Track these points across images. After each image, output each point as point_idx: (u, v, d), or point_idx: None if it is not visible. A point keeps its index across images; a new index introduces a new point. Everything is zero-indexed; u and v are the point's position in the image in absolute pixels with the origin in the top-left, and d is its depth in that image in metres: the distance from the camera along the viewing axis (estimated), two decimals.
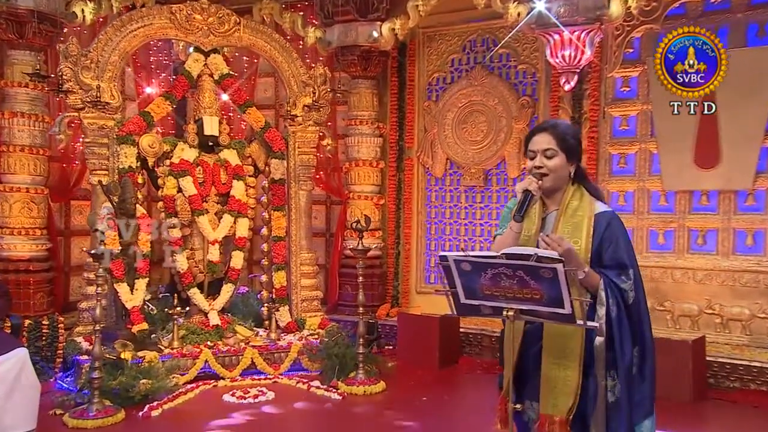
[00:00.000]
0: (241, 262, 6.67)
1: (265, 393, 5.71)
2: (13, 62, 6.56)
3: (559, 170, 2.83)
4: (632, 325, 2.80)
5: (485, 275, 2.64)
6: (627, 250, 2.84)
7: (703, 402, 5.68)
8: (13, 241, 6.59)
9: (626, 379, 2.76)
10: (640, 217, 6.75)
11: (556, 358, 2.80)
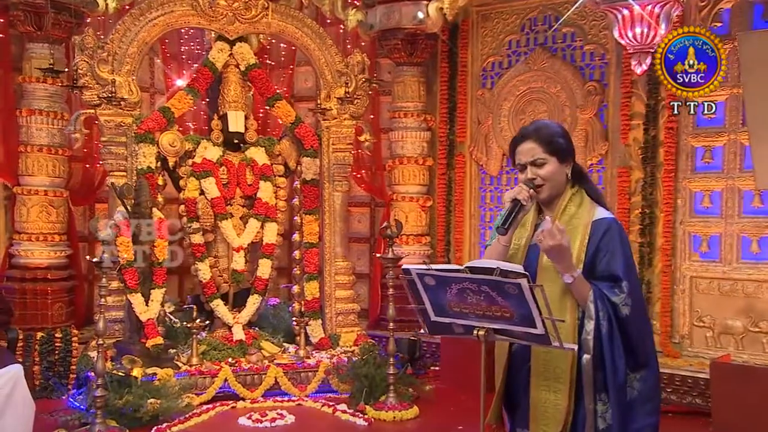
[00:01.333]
0: (268, 271, 6.89)
1: (285, 417, 5.87)
2: (31, 56, 6.87)
3: (553, 177, 2.89)
4: (627, 343, 2.82)
5: (450, 291, 2.71)
6: (624, 261, 2.87)
7: None
8: (30, 247, 6.88)
9: (619, 403, 2.80)
10: (730, 221, 6.57)
11: (544, 380, 2.86)
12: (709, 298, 6.70)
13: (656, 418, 2.99)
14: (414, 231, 7.94)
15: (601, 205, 3.03)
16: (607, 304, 2.84)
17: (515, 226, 2.99)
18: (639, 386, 2.90)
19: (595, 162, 7.23)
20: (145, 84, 8.27)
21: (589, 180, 3.14)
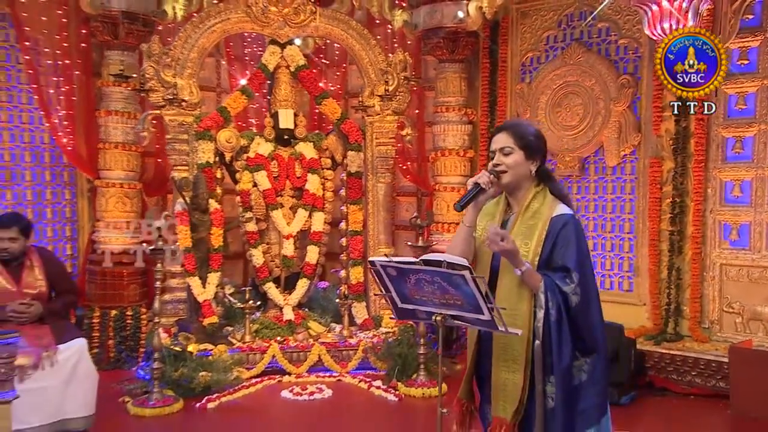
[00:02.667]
0: (316, 256, 7.20)
1: (323, 391, 6.16)
2: (109, 62, 7.34)
3: (516, 167, 3.00)
4: (576, 330, 2.92)
5: (409, 281, 2.87)
6: (577, 254, 2.96)
7: None
8: (108, 234, 7.33)
9: (564, 385, 2.90)
10: (759, 210, 6.52)
11: (503, 362, 2.97)
12: (739, 285, 6.66)
13: (601, 399, 3.09)
14: (455, 219, 7.81)
15: (565, 203, 3.13)
16: (558, 294, 2.94)
17: (477, 208, 3.09)
18: (587, 370, 3.00)
19: (628, 153, 7.20)
20: (212, 84, 8.72)
21: (554, 180, 3.22)
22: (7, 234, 5.12)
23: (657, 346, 6.53)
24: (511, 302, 2.97)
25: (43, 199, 7.63)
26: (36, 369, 4.86)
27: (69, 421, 5.05)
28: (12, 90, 7.42)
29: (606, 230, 7.45)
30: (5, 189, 7.38)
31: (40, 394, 4.88)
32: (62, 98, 7.37)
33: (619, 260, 7.37)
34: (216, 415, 5.85)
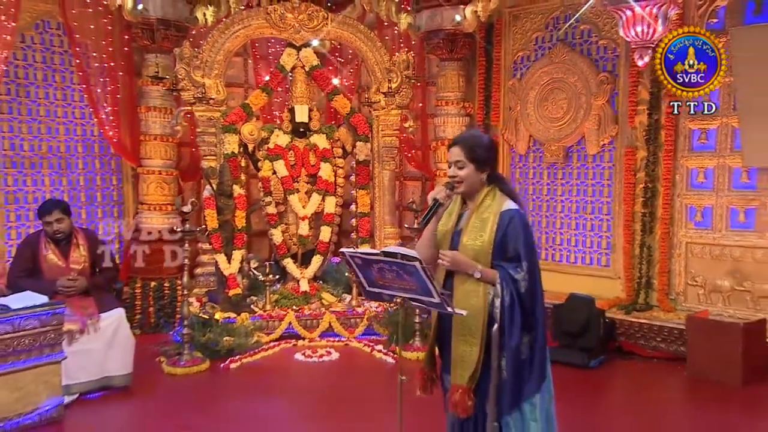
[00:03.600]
0: (329, 235, 7.39)
1: (331, 354, 6.41)
2: (147, 64, 7.46)
3: (468, 178, 3.12)
4: (525, 312, 3.07)
5: (374, 269, 3.04)
6: (525, 245, 3.08)
7: (759, 385, 5.64)
8: (149, 215, 7.55)
9: (513, 360, 3.04)
10: (720, 194, 6.62)
11: (462, 336, 3.11)
12: (702, 261, 6.75)
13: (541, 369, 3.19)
14: None
15: (513, 200, 3.22)
16: (511, 282, 3.05)
17: (437, 218, 3.23)
18: (531, 344, 3.12)
19: (606, 142, 7.23)
20: (240, 81, 8.84)
21: (504, 181, 3.32)
22: (53, 217, 5.38)
23: (628, 315, 6.68)
24: (467, 288, 3.12)
25: (94, 185, 7.80)
26: (82, 334, 5.20)
27: (111, 378, 5.40)
28: (66, 89, 7.52)
29: (587, 212, 7.53)
30: (62, 176, 7.55)
31: (86, 355, 5.22)
32: (108, 96, 7.51)
33: (597, 239, 7.46)
34: (238, 374, 6.07)
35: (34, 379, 4.67)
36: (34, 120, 7.40)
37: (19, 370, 4.60)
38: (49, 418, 4.74)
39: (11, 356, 4.52)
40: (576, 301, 6.44)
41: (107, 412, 5.26)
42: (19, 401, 4.60)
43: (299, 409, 5.36)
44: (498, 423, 3.11)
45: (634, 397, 5.83)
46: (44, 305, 4.75)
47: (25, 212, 7.28)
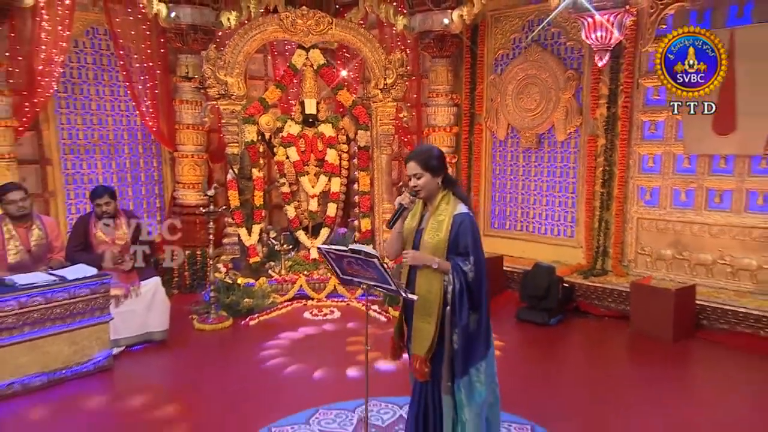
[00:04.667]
0: (334, 211, 7.53)
1: (334, 312, 6.68)
2: (180, 63, 7.71)
3: (427, 185, 3.26)
4: (472, 296, 3.20)
5: (344, 262, 3.25)
6: (473, 242, 3.21)
7: (687, 341, 5.93)
8: (184, 192, 7.89)
9: (463, 335, 3.21)
10: (666, 177, 6.78)
11: (421, 315, 3.27)
12: (649, 234, 6.94)
13: (485, 340, 3.33)
14: None
15: (464, 203, 3.31)
16: (461, 272, 3.16)
17: (403, 219, 3.36)
18: (477, 321, 3.26)
19: (572, 131, 7.39)
20: (261, 74, 8.99)
21: (457, 185, 3.41)
22: (102, 200, 5.61)
23: (585, 279, 6.89)
24: (427, 275, 3.24)
25: (138, 167, 8.08)
26: (126, 298, 5.52)
27: (151, 333, 5.74)
28: (113, 86, 7.77)
29: (555, 190, 7.69)
30: (111, 160, 7.84)
31: (130, 315, 5.55)
32: (148, 91, 7.71)
33: (564, 213, 7.64)
34: (256, 329, 6.33)
35: (88, 335, 5.04)
36: (87, 113, 7.65)
37: (75, 329, 4.97)
38: (101, 367, 5.13)
39: (68, 318, 4.90)
40: (539, 269, 6.64)
41: (148, 362, 5.54)
42: (76, 353, 4.99)
43: (306, 357, 5.54)
44: (450, 383, 3.27)
45: (585, 350, 6.13)
46: (94, 276, 5.10)
47: (82, 191, 7.55)
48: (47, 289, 4.84)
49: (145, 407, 4.62)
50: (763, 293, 6.11)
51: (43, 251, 5.41)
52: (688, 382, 5.30)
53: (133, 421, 4.42)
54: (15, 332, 4.67)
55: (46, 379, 4.84)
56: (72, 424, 4.40)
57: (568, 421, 4.37)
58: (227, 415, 4.44)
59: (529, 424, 4.28)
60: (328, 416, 4.32)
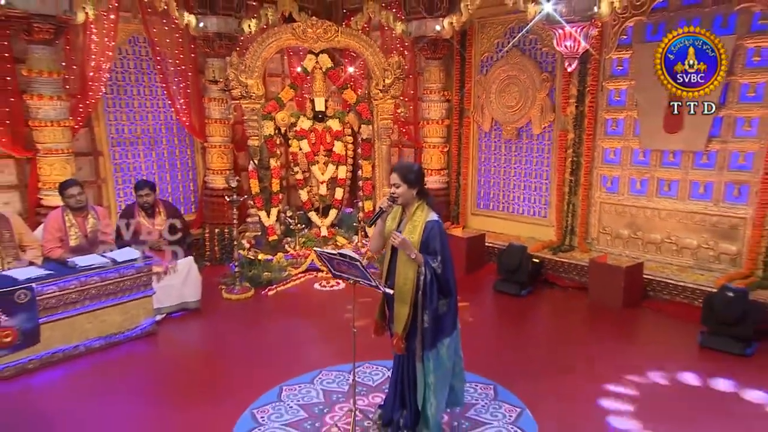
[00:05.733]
0: (341, 194, 7.90)
1: (340, 284, 6.92)
2: (208, 66, 7.92)
3: (404, 194, 3.50)
4: (440, 286, 3.43)
5: (335, 262, 3.57)
6: (440, 244, 3.43)
7: (635, 309, 6.25)
8: (213, 177, 8.17)
9: (432, 316, 3.47)
10: (624, 168, 6.98)
11: (399, 300, 3.53)
12: (610, 216, 7.15)
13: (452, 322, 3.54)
14: (436, 167, 8.42)
15: (435, 212, 3.50)
16: (430, 266, 3.38)
17: (383, 220, 3.59)
18: (445, 305, 3.50)
19: (546, 126, 7.53)
20: (278, 72, 9.17)
21: (429, 197, 3.59)
22: (144, 192, 6.00)
23: (554, 255, 7.15)
24: (406, 263, 3.45)
25: (174, 156, 8.29)
26: (165, 275, 5.92)
27: (186, 303, 6.13)
28: (151, 87, 7.89)
29: (531, 176, 7.88)
30: (151, 150, 8.02)
31: (169, 288, 5.94)
32: (181, 91, 7.89)
33: (538, 197, 7.86)
34: (274, 298, 6.65)
35: (136, 306, 5.48)
36: (130, 110, 7.82)
37: (125, 302, 5.41)
38: (147, 331, 5.56)
39: (119, 293, 5.36)
40: (513, 248, 6.96)
41: (185, 327, 5.89)
42: (126, 321, 5.44)
43: (313, 324, 5.92)
44: (422, 354, 3.54)
45: (549, 317, 6.44)
46: (138, 258, 5.49)
47: (128, 178, 7.80)
48: (101, 270, 5.28)
49: (183, 364, 5.07)
50: (701, 268, 6.44)
51: (97, 236, 5.79)
52: (632, 343, 5.61)
53: (174, 375, 4.88)
54: (78, 305, 5.15)
55: (104, 342, 5.33)
56: (125, 378, 4.84)
57: (527, 381, 4.64)
58: (251, 371, 4.83)
59: (492, 383, 4.58)
60: (329, 377, 4.72)
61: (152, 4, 7.14)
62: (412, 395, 3.70)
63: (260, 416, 4.16)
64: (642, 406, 4.36)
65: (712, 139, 6.23)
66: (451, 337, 3.58)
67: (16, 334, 4.78)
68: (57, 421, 4.20)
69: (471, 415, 4.17)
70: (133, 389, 4.70)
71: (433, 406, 3.63)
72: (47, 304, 4.98)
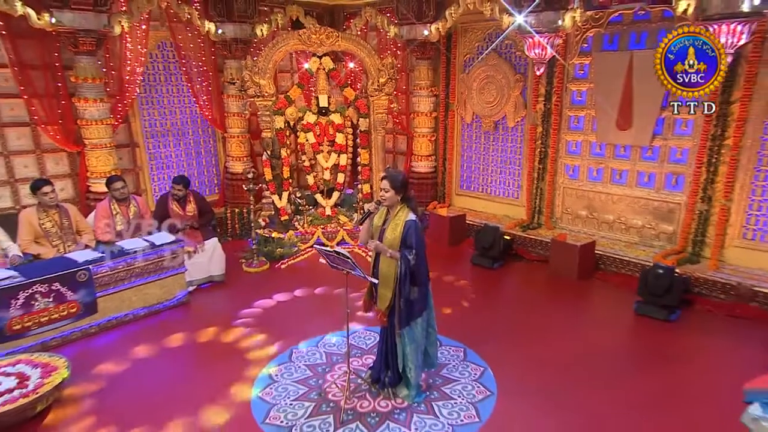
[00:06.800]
0: (343, 179, 8.15)
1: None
2: (227, 67, 8.17)
3: (390, 198, 3.78)
4: (414, 276, 3.71)
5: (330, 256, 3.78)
6: (416, 240, 3.68)
7: (587, 280, 6.68)
8: (233, 163, 8.52)
9: (406, 300, 3.81)
10: (584, 158, 7.26)
11: (383, 285, 3.87)
12: (571, 199, 7.47)
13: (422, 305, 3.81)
14: (425, 153, 8.72)
15: (413, 212, 3.72)
16: (406, 260, 3.63)
17: (370, 219, 3.82)
18: (416, 293, 3.79)
19: (519, 120, 7.77)
20: (287, 68, 9.39)
21: (411, 200, 3.79)
22: (179, 187, 6.39)
23: (524, 232, 7.49)
24: (387, 263, 3.77)
25: (199, 145, 8.58)
26: (195, 253, 6.31)
27: (213, 276, 6.53)
28: (178, 86, 8.15)
29: (506, 163, 8.16)
30: (179, 140, 8.28)
31: (198, 264, 6.34)
32: (204, 89, 8.08)
33: (512, 181, 8.15)
34: (286, 270, 7.00)
35: (172, 281, 5.93)
36: (161, 107, 8.07)
37: (163, 278, 5.87)
38: (181, 301, 6.01)
39: (158, 270, 5.81)
40: (487, 228, 7.34)
41: (212, 296, 6.24)
42: (164, 293, 5.89)
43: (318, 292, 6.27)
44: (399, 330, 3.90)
45: (515, 287, 6.72)
46: (173, 242, 5.92)
47: (161, 165, 8.12)
48: (143, 252, 5.75)
49: (213, 328, 5.45)
50: (644, 245, 6.83)
51: (138, 221, 6.25)
52: (581, 311, 6.00)
53: (204, 338, 5.31)
54: (125, 282, 5.66)
55: (147, 311, 5.82)
56: (164, 340, 5.28)
57: (491, 344, 5.03)
58: (268, 335, 5.28)
59: (462, 346, 4.96)
60: (331, 341, 5.19)
61: (177, 15, 7.41)
62: (393, 359, 4.16)
63: (275, 375, 4.69)
64: (581, 362, 4.84)
65: (656, 136, 6.53)
66: (422, 317, 3.93)
67: (79, 306, 5.36)
68: (114, 373, 4.74)
69: (444, 374, 4.62)
70: (171, 350, 5.16)
71: (411, 370, 4.11)
72: (101, 281, 5.51)
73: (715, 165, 6.08)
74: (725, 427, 3.89)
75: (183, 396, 4.40)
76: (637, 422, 4.07)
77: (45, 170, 7.16)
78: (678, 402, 4.32)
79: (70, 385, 4.48)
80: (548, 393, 4.42)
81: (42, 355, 4.56)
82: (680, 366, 4.84)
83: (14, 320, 4.90)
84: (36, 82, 6.69)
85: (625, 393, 4.44)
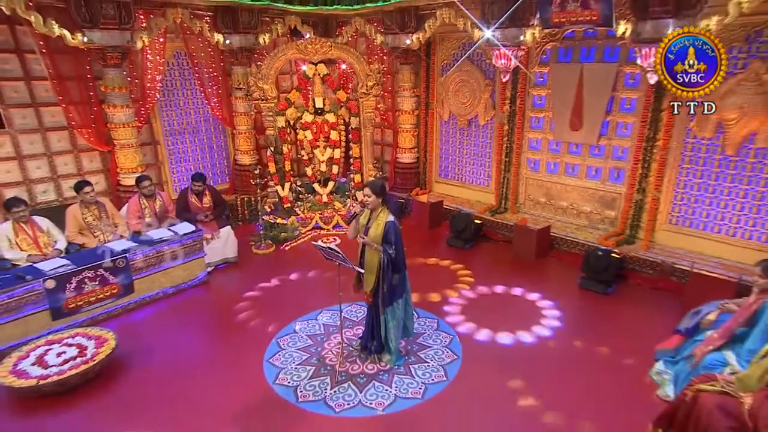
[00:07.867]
0: (337, 170, 8.47)
1: (336, 240, 7.55)
2: (234, 73, 8.30)
3: (373, 202, 4.10)
4: (394, 266, 4.04)
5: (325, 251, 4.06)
6: (394, 237, 3.97)
7: (544, 259, 7.10)
8: (241, 156, 8.71)
9: (388, 285, 4.13)
10: (543, 153, 7.59)
11: (368, 270, 4.19)
12: (533, 188, 7.80)
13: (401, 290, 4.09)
14: (409, 146, 8.99)
15: (392, 214, 4.00)
16: (387, 253, 3.93)
17: (357, 219, 4.13)
18: (397, 279, 4.10)
19: (489, 119, 8.02)
20: (287, 71, 9.59)
21: (390, 203, 4.09)
22: (198, 183, 6.74)
23: (492, 216, 7.82)
24: (371, 254, 4.07)
25: (211, 140, 8.79)
26: (212, 239, 6.69)
27: (227, 258, 6.91)
28: (192, 90, 8.34)
29: (479, 156, 8.44)
30: (195, 137, 8.49)
31: (215, 249, 6.72)
32: (214, 92, 8.28)
33: (483, 171, 8.45)
34: (289, 252, 7.29)
35: (194, 264, 6.33)
36: (177, 108, 8.31)
37: (186, 262, 6.26)
38: (202, 281, 6.39)
39: (182, 256, 6.22)
40: (461, 214, 7.72)
41: (228, 276, 6.58)
42: (188, 274, 6.30)
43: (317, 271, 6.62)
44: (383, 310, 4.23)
45: (483, 264, 6.96)
46: (193, 231, 6.32)
47: (179, 159, 8.39)
48: (168, 241, 6.17)
49: (229, 303, 5.85)
50: (592, 228, 7.28)
51: (164, 213, 6.69)
52: (536, 283, 6.39)
53: (222, 312, 5.73)
54: (155, 266, 6.13)
55: (174, 290, 6.28)
56: (189, 314, 5.74)
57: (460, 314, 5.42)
58: (277, 310, 5.66)
59: (436, 318, 5.38)
60: (327, 314, 5.64)
61: (190, 28, 7.67)
62: (378, 331, 4.61)
63: (282, 344, 5.19)
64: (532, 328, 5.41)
65: (602, 136, 6.93)
66: (402, 298, 4.33)
67: (119, 288, 5.89)
68: (150, 341, 5.25)
69: (420, 341, 5.08)
70: (194, 322, 5.58)
71: (393, 341, 4.55)
72: (136, 266, 6.00)
73: (648, 162, 6.51)
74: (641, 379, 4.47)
75: (207, 361, 4.87)
76: (569, 377, 4.65)
77: (81, 167, 7.55)
78: (605, 359, 4.89)
79: (117, 352, 5.02)
80: (503, 356, 4.95)
81: (94, 329, 5.12)
82: (609, 329, 5.43)
83: (69, 300, 5.45)
84: (71, 92, 7.05)
85: (564, 351, 5.00)
